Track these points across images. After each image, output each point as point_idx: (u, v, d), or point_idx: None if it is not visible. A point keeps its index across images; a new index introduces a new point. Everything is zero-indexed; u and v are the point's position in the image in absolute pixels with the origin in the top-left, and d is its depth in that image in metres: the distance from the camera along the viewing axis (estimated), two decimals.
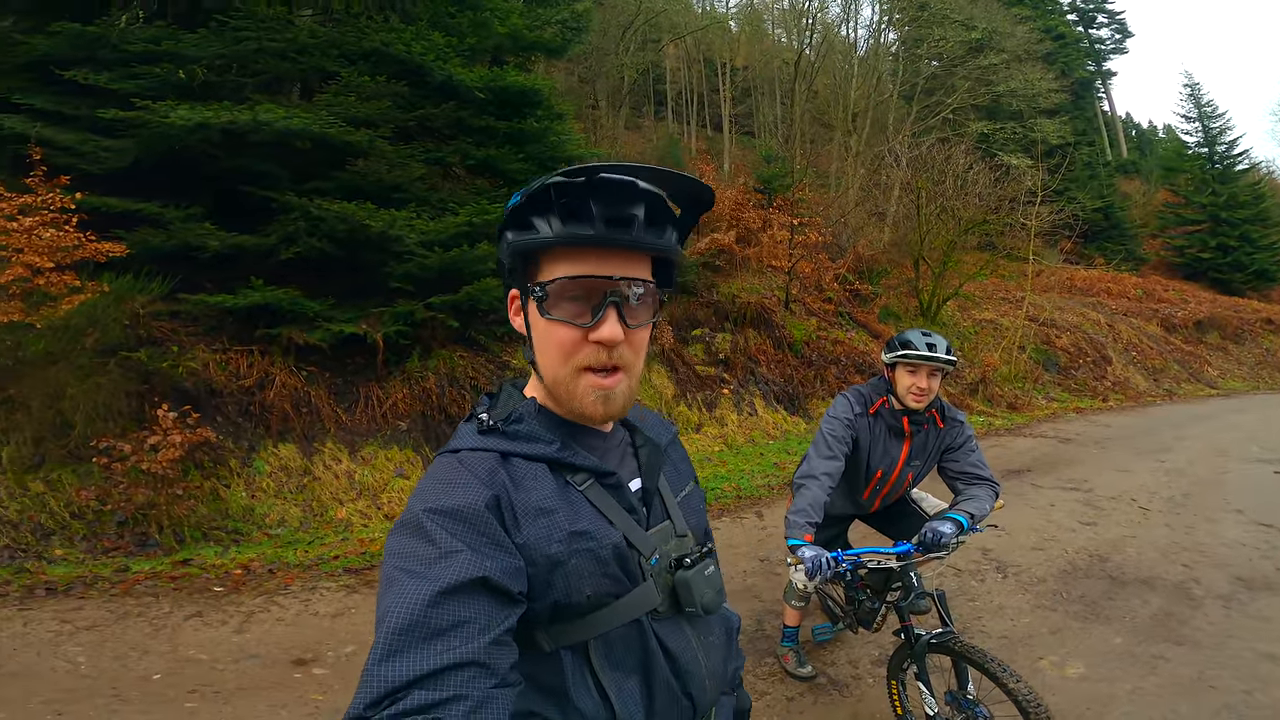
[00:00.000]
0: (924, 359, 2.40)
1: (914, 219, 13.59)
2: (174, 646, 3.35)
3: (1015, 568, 4.52)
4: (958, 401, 11.18)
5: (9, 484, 4.37)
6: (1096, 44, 33.00)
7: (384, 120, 5.90)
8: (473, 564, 0.72)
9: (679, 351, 9.00)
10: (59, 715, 2.74)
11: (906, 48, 20.82)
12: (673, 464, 1.05)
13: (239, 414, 5.14)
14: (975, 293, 15.26)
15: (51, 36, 5.23)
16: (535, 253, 0.85)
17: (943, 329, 13.25)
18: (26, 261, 4.27)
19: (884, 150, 16.90)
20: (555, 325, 0.84)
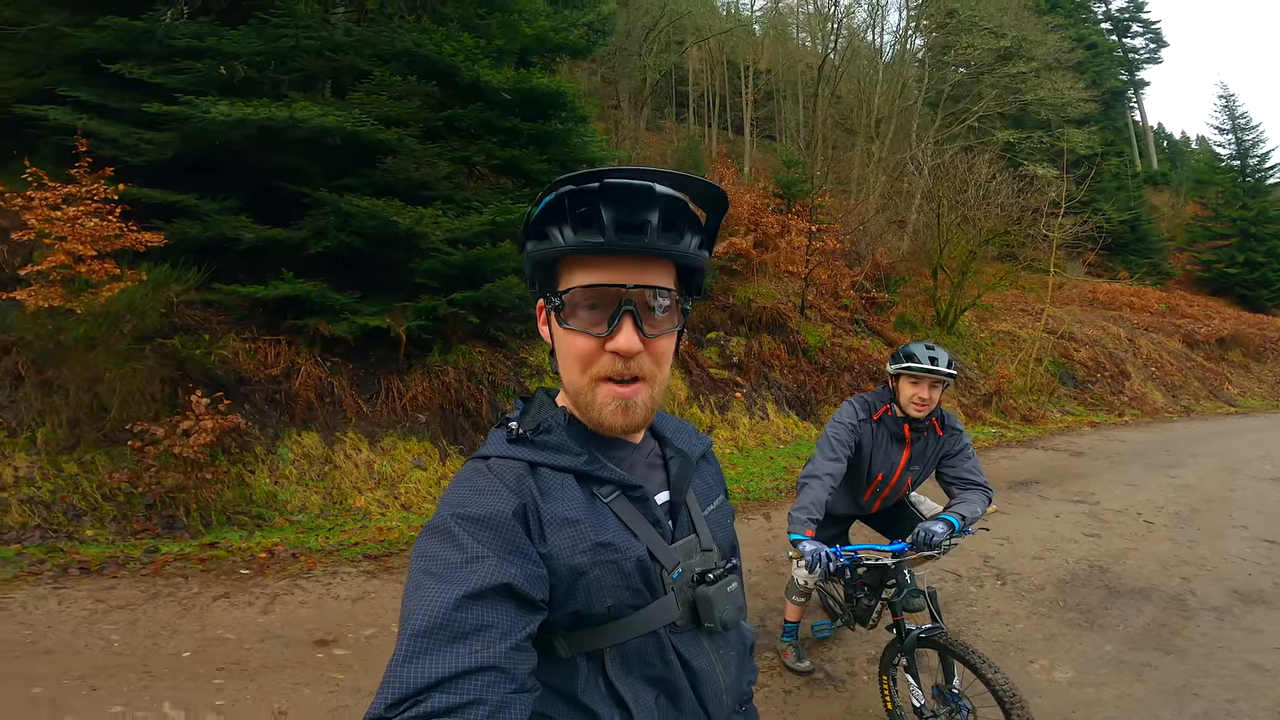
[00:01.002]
0: (926, 371, 2.54)
1: (934, 228, 13.50)
2: (203, 626, 3.49)
3: (1015, 575, 4.59)
4: (970, 412, 11.16)
5: (43, 464, 4.54)
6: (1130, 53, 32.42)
7: (414, 119, 6.00)
8: (498, 570, 0.73)
9: (693, 354, 9.07)
10: (93, 691, 2.85)
11: (933, 54, 20.56)
12: (702, 477, 1.03)
13: (265, 402, 5.30)
14: (994, 304, 15.14)
15: (99, 30, 5.36)
16: (555, 262, 0.85)
17: (959, 340, 13.21)
18: (69, 249, 4.43)
19: (906, 157, 16.78)
20: (572, 335, 0.84)
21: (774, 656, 3.38)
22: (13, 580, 3.76)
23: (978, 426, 10.73)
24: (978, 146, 17.12)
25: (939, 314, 13.10)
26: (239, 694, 2.91)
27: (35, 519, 4.37)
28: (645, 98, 19.59)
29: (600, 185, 0.78)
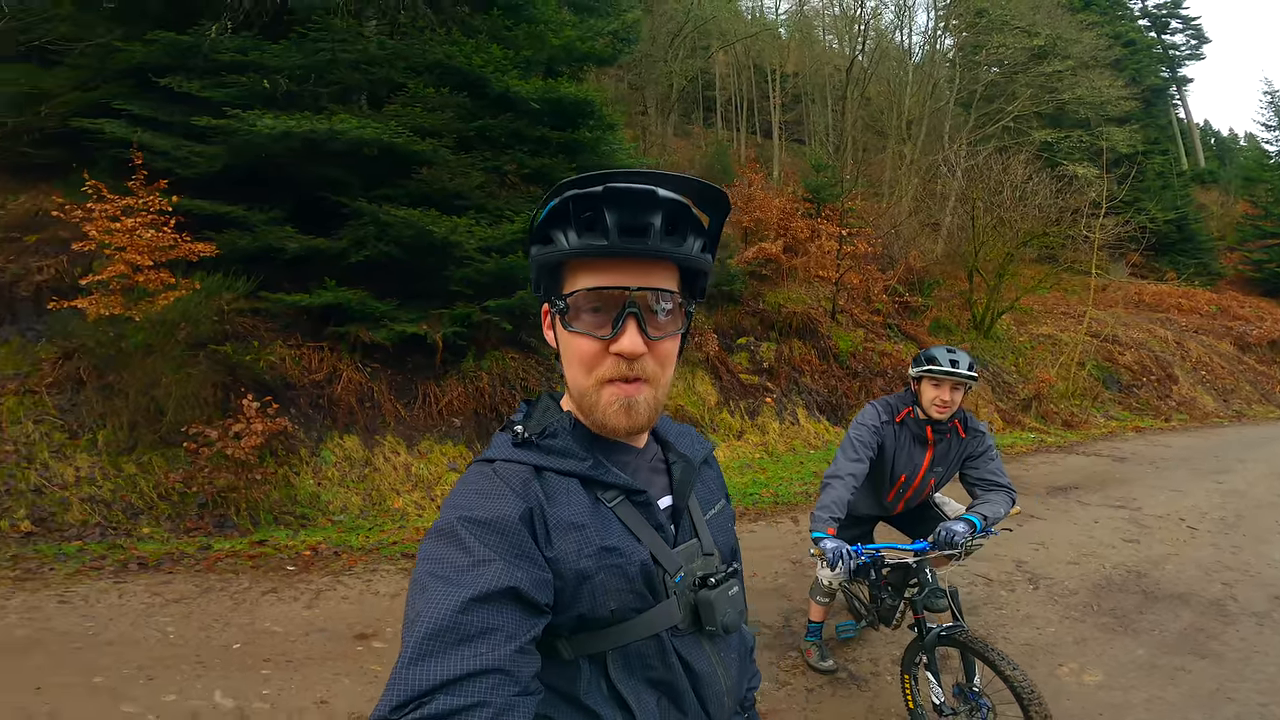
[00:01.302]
0: (946, 374, 2.59)
1: (969, 230, 13.25)
2: (252, 619, 3.63)
3: (1048, 580, 4.55)
4: (1009, 417, 10.92)
5: (104, 465, 4.78)
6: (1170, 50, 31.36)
7: (447, 130, 6.13)
8: (504, 574, 0.73)
9: (723, 359, 9.06)
10: (150, 680, 2.98)
11: (964, 54, 20.22)
12: (704, 481, 1.04)
13: (310, 406, 5.49)
14: (1034, 307, 14.76)
15: (148, 45, 5.58)
16: (559, 266, 0.86)
17: (997, 343, 12.94)
18: (128, 259, 4.67)
19: (939, 159, 16.50)
20: (577, 337, 0.84)
21: (797, 656, 3.41)
22: (75, 574, 3.96)
23: (1016, 432, 10.49)
24: (1013, 147, 16.72)
25: (975, 317, 12.83)
26: (284, 684, 3.03)
27: (96, 517, 4.60)
28: (672, 104, 19.68)
29: (603, 189, 0.79)
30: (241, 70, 5.65)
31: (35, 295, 5.17)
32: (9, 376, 4.90)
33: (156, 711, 2.76)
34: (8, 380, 4.89)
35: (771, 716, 3.01)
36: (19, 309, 5.17)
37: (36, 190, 5.85)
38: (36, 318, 5.16)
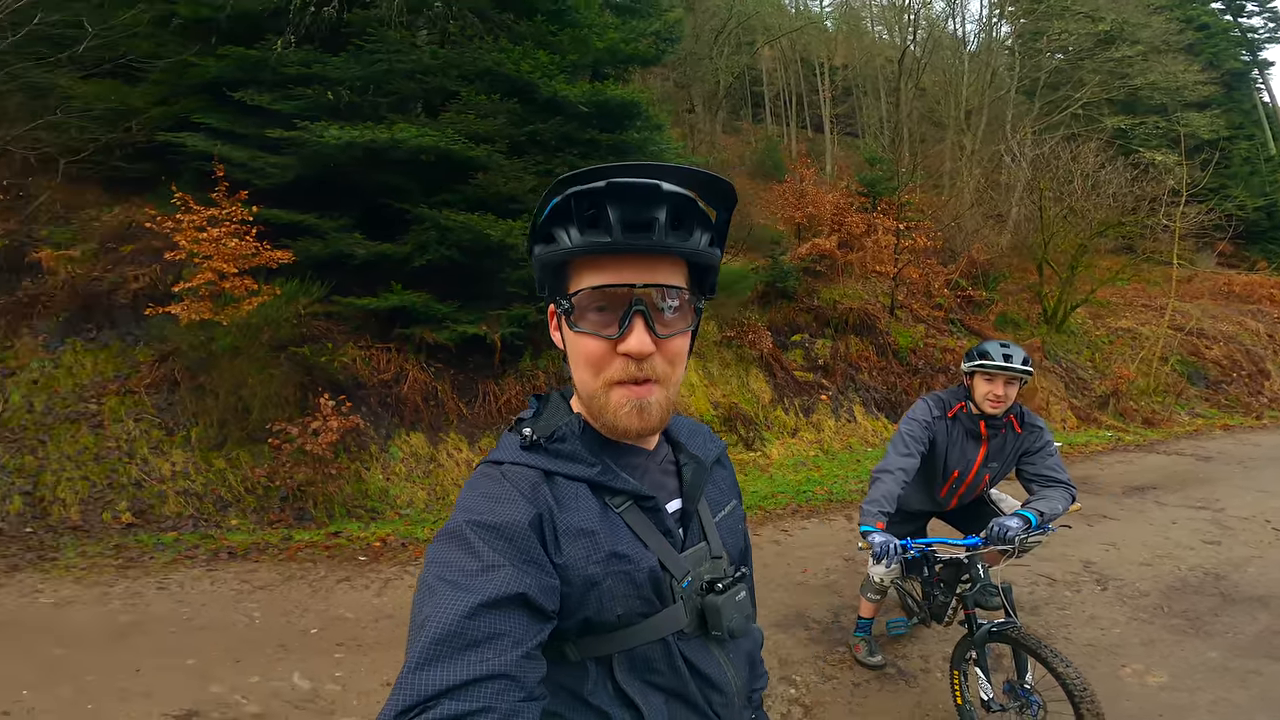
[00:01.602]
0: (999, 368, 2.57)
1: (1037, 221, 12.66)
2: (328, 606, 3.83)
3: (1118, 581, 4.41)
4: (1083, 415, 10.41)
5: (197, 460, 5.12)
6: (1249, 33, 29.15)
7: (499, 136, 6.26)
8: (514, 580, 0.72)
9: (777, 356, 8.95)
10: (238, 662, 3.18)
11: (1023, 41, 19.34)
12: (715, 482, 1.01)
13: (379, 404, 5.73)
14: (1112, 299, 13.98)
15: (220, 59, 5.89)
16: (563, 265, 0.83)
17: (1071, 338, 12.35)
18: (215, 267, 4.97)
19: (1002, 149, 15.82)
20: (583, 338, 0.82)
21: (845, 651, 3.42)
22: (172, 563, 4.25)
23: (1091, 430, 10.01)
24: (1083, 134, 15.87)
25: (1046, 311, 12.25)
26: (355, 666, 3.18)
27: (189, 509, 4.93)
28: (719, 100, 19.56)
29: (606, 184, 0.77)
30: (306, 82, 5.89)
31: (133, 302, 5.57)
32: (111, 378, 5.31)
33: (241, 691, 2.95)
34: (110, 381, 5.29)
35: (816, 709, 3.00)
36: (118, 315, 5.59)
37: (129, 203, 6.29)
38: (135, 323, 5.55)
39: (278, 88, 5.93)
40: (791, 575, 4.52)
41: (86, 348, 5.41)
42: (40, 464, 4.81)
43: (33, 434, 4.93)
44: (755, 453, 7.77)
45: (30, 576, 3.93)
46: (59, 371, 5.25)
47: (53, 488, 4.74)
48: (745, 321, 8.91)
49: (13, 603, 3.64)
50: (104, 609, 3.62)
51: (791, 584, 4.38)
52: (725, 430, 7.81)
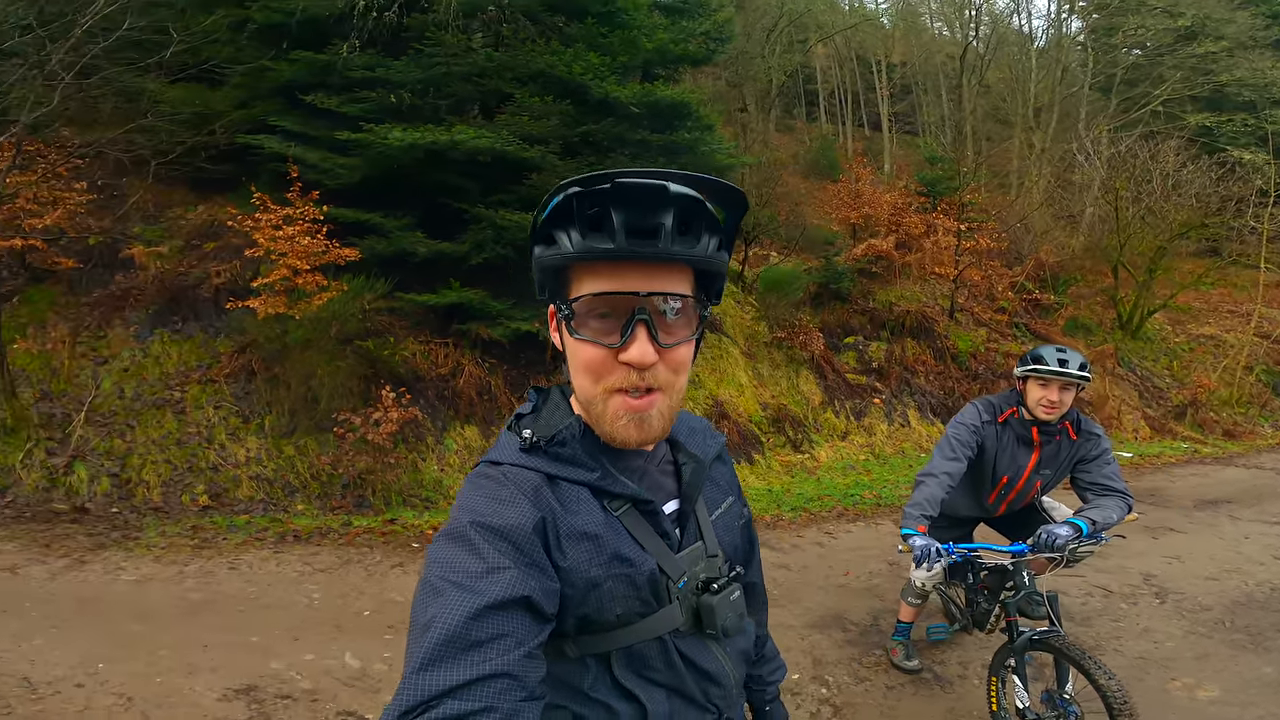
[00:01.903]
0: (1054, 374, 2.49)
1: (1112, 222, 12.03)
2: (382, 590, 3.98)
3: (1178, 594, 4.26)
4: (1158, 425, 9.90)
5: (269, 447, 5.41)
6: None
7: (553, 137, 6.34)
8: (518, 583, 0.73)
9: (829, 358, 8.79)
10: (296, 640, 3.34)
11: (1096, 37, 18.39)
12: (713, 479, 1.01)
13: (436, 398, 5.93)
14: (1194, 304, 13.15)
15: (293, 64, 6.17)
16: (563, 268, 0.81)
17: (1148, 344, 11.69)
18: (290, 264, 5.25)
19: (1074, 147, 15.07)
20: (583, 345, 0.80)
21: (881, 654, 3.41)
22: (243, 544, 4.50)
23: (1166, 441, 9.52)
24: (1164, 132, 14.98)
25: (1121, 316, 11.62)
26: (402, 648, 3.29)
27: (260, 494, 5.21)
28: (772, 99, 19.30)
29: (611, 185, 0.73)
30: (371, 86, 6.11)
31: (215, 296, 5.93)
32: (194, 368, 5.67)
33: (297, 669, 3.09)
34: (192, 371, 5.65)
35: (846, 710, 2.99)
36: (201, 308, 5.97)
37: (213, 202, 6.69)
38: (216, 316, 5.92)
39: (345, 91, 6.18)
40: (833, 577, 4.48)
41: (173, 338, 5.79)
42: (128, 447, 5.17)
43: (122, 419, 5.31)
44: (803, 455, 7.66)
45: (114, 554, 4.20)
46: (147, 360, 5.63)
47: (138, 470, 5.08)
48: (796, 323, 8.78)
49: (97, 579, 3.87)
50: (179, 587, 3.85)
51: (832, 586, 4.34)
52: (774, 431, 7.72)
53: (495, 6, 6.52)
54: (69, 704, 2.74)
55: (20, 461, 4.91)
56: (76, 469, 4.98)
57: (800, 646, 3.51)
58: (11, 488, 4.80)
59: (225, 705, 2.80)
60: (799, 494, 6.47)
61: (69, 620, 3.38)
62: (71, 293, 5.88)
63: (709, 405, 7.36)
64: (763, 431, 7.63)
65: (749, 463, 7.14)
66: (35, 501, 4.76)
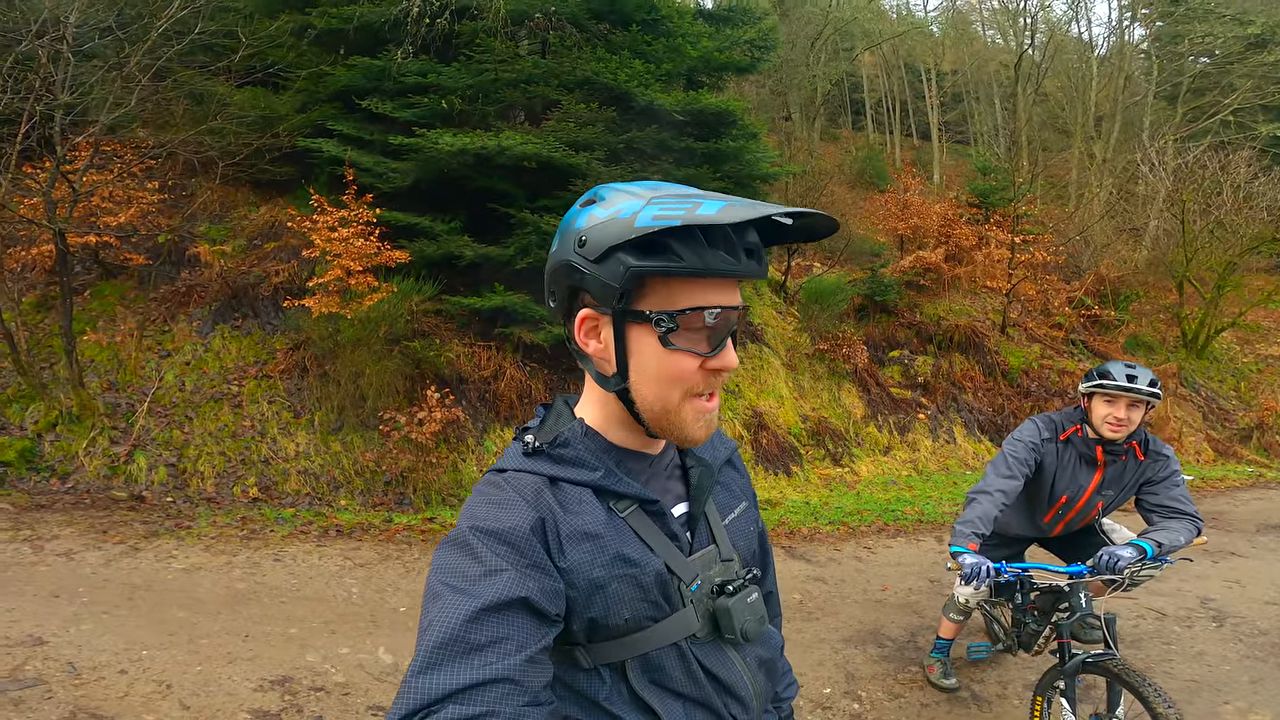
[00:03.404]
0: (1121, 389, 2.38)
1: (1179, 236, 11.50)
2: (418, 586, 4.02)
3: (1237, 619, 4.10)
4: (1222, 448, 9.45)
5: (317, 442, 5.56)
6: None
7: (597, 143, 6.36)
8: (516, 584, 0.73)
9: (873, 372, 8.59)
10: (333, 634, 3.40)
11: (1161, 45, 17.70)
12: (724, 484, 1.02)
13: (478, 399, 6.00)
14: (1264, 323, 12.48)
15: (349, 69, 6.34)
16: (643, 278, 0.80)
17: (1214, 364, 11.15)
18: (344, 265, 5.39)
19: (1138, 158, 14.47)
20: (678, 355, 0.81)
21: (917, 671, 3.35)
22: (289, 537, 4.61)
23: (1229, 464, 9.11)
24: (1234, 142, 14.30)
25: (1186, 334, 11.08)
26: None
27: (307, 488, 5.35)
28: (817, 108, 19.10)
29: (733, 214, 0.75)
30: (423, 91, 6.24)
31: (273, 294, 6.14)
32: (251, 364, 5.88)
33: (332, 661, 3.14)
34: (250, 367, 5.86)
35: None
36: (259, 306, 6.19)
37: (274, 204, 6.95)
38: (274, 314, 6.13)
39: (398, 96, 6.34)
40: (870, 592, 4.39)
41: (232, 334, 6.02)
42: (185, 438, 5.38)
43: (181, 411, 5.53)
44: (843, 468, 7.49)
45: (167, 542, 4.33)
46: (208, 355, 5.87)
47: (194, 461, 5.28)
48: (840, 335, 8.61)
49: (148, 566, 3.99)
50: (226, 577, 3.94)
51: (869, 600, 4.25)
52: (813, 444, 7.57)
53: (542, 14, 6.62)
54: (110, 689, 2.79)
55: (84, 449, 5.15)
56: (137, 458, 5.20)
57: (834, 661, 3.45)
58: (74, 474, 5.03)
59: (260, 695, 2.85)
60: (837, 507, 6.34)
61: (118, 606, 3.48)
62: (140, 288, 6.18)
63: (748, 416, 7.27)
64: (802, 444, 7.49)
65: (786, 475, 7.02)
66: (96, 488, 4.97)
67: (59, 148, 5.10)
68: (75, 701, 2.70)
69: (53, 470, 5.03)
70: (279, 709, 2.79)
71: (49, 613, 3.34)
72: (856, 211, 13.13)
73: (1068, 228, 12.82)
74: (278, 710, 2.78)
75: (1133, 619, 4.02)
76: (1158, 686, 2.11)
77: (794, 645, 3.55)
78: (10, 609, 3.35)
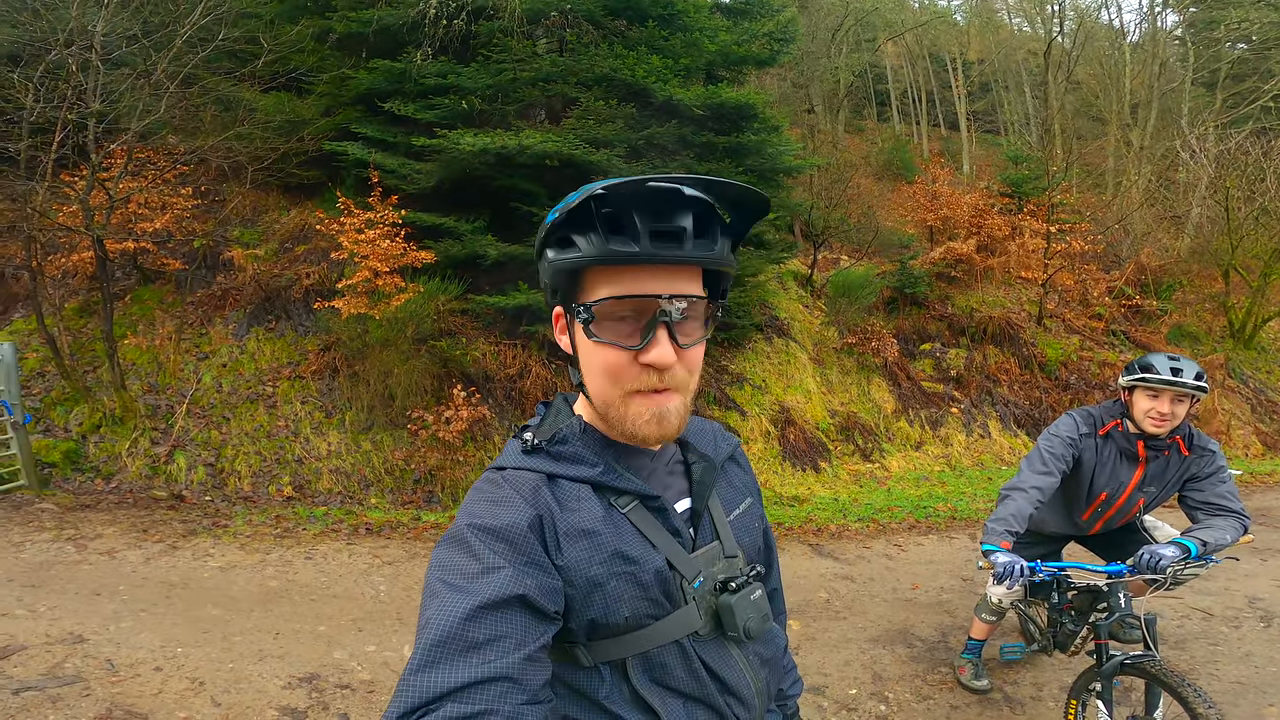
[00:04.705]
0: (1166, 384, 2.27)
1: (1223, 223, 11.10)
2: None
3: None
4: (1271, 441, 9.11)
5: (348, 441, 5.63)
6: None
7: (617, 140, 6.33)
8: (513, 581, 0.72)
9: (904, 365, 8.43)
10: (360, 631, 3.41)
11: (1196, 30, 17.12)
12: (728, 480, 1.00)
13: (504, 398, 6.03)
14: None
15: (371, 72, 6.41)
16: (578, 271, 0.80)
17: (1262, 355, 10.74)
18: (371, 266, 5.46)
19: (1178, 144, 14.00)
20: (603, 348, 0.80)
21: (948, 672, 3.26)
22: (320, 535, 4.66)
23: (1277, 458, 8.69)
24: (1276, 128, 13.76)
25: (1232, 324, 10.67)
26: None
27: (338, 486, 5.43)
28: (841, 100, 18.85)
29: (632, 191, 0.74)
30: (443, 92, 6.27)
31: (304, 296, 6.26)
32: (284, 364, 5.99)
33: (358, 659, 3.15)
34: (283, 368, 5.97)
35: None
36: (291, 308, 6.31)
37: (303, 207, 7.08)
38: (305, 315, 6.24)
39: (419, 98, 6.38)
40: (900, 591, 4.28)
41: (266, 336, 6.15)
42: (223, 439, 5.50)
43: (219, 412, 5.66)
44: (873, 464, 7.36)
45: (204, 541, 4.41)
46: (244, 357, 6.00)
47: (231, 461, 5.40)
48: (869, 328, 8.46)
49: (186, 565, 4.06)
50: (260, 575, 3.99)
51: (898, 600, 4.14)
52: (842, 439, 7.45)
53: (558, 12, 6.61)
54: (145, 686, 2.84)
55: (126, 450, 5.29)
56: (177, 458, 5.33)
57: (861, 660, 3.36)
58: (118, 474, 5.18)
59: (288, 692, 2.88)
60: (867, 504, 6.22)
61: (156, 604, 3.54)
62: (177, 292, 6.34)
63: (775, 411, 7.17)
64: (830, 439, 7.38)
65: (815, 471, 6.91)
66: (138, 488, 5.10)
67: (93, 155, 5.21)
68: (112, 699, 2.75)
69: (97, 471, 5.19)
70: (306, 706, 2.80)
71: (90, 610, 3.42)
72: (884, 203, 12.92)
73: (1106, 216, 12.45)
74: (305, 708, 2.79)
75: (1178, 619, 3.89)
76: (1198, 688, 2.04)
77: (820, 645, 3.49)
78: (53, 607, 3.43)
